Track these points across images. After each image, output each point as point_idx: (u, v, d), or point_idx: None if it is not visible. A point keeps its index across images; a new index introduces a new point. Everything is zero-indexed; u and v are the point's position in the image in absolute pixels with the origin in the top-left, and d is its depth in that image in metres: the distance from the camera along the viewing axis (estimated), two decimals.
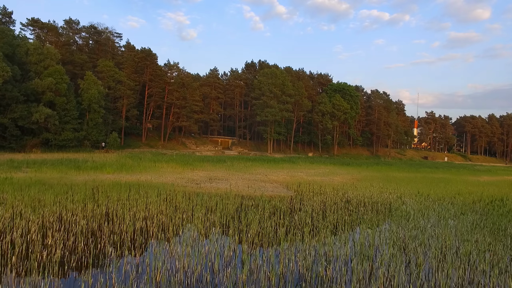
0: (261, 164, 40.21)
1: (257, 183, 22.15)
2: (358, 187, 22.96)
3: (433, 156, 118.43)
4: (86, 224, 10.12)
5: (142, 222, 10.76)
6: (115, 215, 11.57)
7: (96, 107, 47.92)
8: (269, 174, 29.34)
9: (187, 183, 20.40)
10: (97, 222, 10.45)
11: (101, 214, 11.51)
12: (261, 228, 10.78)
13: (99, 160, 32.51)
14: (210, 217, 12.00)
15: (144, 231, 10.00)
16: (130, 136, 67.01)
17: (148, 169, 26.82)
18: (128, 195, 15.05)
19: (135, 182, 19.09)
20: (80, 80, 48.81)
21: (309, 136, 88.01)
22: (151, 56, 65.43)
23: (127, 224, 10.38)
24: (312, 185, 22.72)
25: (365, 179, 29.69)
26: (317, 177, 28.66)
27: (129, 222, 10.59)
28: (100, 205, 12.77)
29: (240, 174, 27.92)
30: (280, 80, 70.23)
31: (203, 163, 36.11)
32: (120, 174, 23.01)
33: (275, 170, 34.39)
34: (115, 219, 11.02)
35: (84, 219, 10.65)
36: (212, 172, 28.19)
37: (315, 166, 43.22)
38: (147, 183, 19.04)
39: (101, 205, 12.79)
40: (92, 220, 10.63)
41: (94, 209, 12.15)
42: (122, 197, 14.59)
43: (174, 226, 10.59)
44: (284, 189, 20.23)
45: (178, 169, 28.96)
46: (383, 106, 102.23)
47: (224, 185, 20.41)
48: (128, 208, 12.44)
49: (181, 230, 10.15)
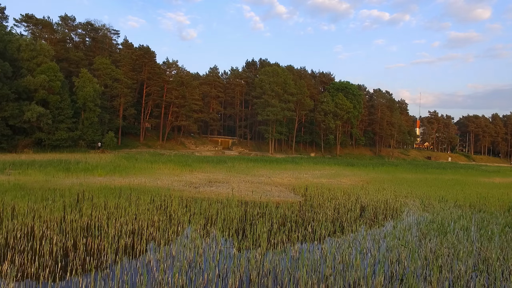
0: (263, 165, 38.48)
1: (260, 187, 20.40)
2: (369, 191, 21.22)
3: (436, 156, 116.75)
4: (59, 241, 8.37)
5: (128, 237, 9.01)
6: (98, 228, 9.82)
7: (91, 105, 46.13)
8: (272, 176, 27.61)
9: (184, 187, 18.65)
10: (73, 238, 8.70)
11: (81, 227, 9.75)
12: (271, 245, 9.04)
13: (93, 161, 30.76)
14: (210, 230, 10.26)
15: (129, 250, 8.25)
16: (127, 136, 65.26)
17: (143, 171, 25.07)
18: (117, 202, 13.29)
19: (127, 186, 17.34)
20: (75, 78, 47.02)
21: (311, 136, 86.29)
22: (149, 53, 63.66)
23: (110, 240, 8.63)
24: (321, 189, 20.98)
25: (374, 181, 27.95)
26: (323, 179, 26.92)
27: (112, 238, 8.85)
28: (83, 214, 11.04)
29: (242, 176, 26.18)
30: (282, 78, 68.46)
31: (202, 164, 34.37)
32: (112, 177, 21.26)
33: (278, 171, 32.65)
34: (96, 233, 9.26)
35: (59, 234, 8.90)
36: (212, 174, 26.45)
37: (319, 167, 41.48)
38: (140, 187, 17.29)
39: (84, 214, 11.05)
40: (68, 236, 8.87)
41: (75, 219, 10.41)
42: (109, 204, 12.84)
43: (167, 243, 8.84)
44: (291, 194, 18.47)
45: (176, 171, 27.20)
46: (386, 106, 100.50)
47: (225, 189, 18.66)
48: (115, 219, 10.69)
49: (175, 248, 8.40)
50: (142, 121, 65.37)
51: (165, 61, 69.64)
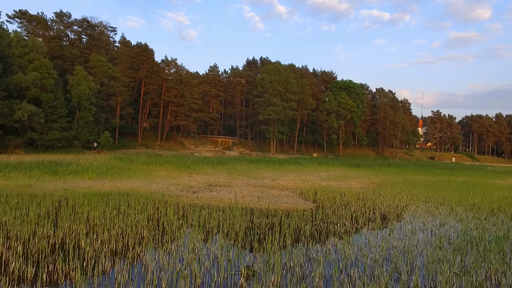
0: (266, 166, 36.69)
1: (266, 191, 18.62)
2: (383, 195, 19.45)
3: (440, 157, 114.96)
4: (17, 269, 6.57)
5: (107, 261, 7.21)
6: (74, 246, 8.02)
7: (86, 104, 44.29)
8: (277, 179, 25.82)
9: (182, 192, 16.86)
10: (36, 264, 6.90)
11: (52, 247, 7.95)
12: (287, 270, 7.25)
13: (85, 163, 28.97)
14: (210, 247, 8.47)
15: (106, 282, 6.44)
16: (125, 136, 63.45)
17: (138, 174, 23.27)
18: (103, 211, 11.50)
19: (118, 191, 15.55)
20: (69, 76, 45.17)
21: (313, 135, 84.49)
22: (147, 51, 61.86)
23: (84, 267, 6.84)
24: (331, 193, 19.20)
25: (384, 183, 26.17)
26: (331, 182, 25.13)
27: (88, 263, 7.06)
28: (59, 229, 9.25)
29: (244, 179, 24.40)
30: (283, 76, 66.61)
31: (202, 166, 32.59)
32: (103, 180, 19.47)
33: (282, 173, 30.86)
34: (70, 253, 7.47)
35: (21, 258, 7.11)
36: (212, 177, 24.66)
37: (324, 168, 39.72)
38: (133, 193, 15.50)
39: (60, 228, 9.26)
40: (31, 260, 7.08)
41: (47, 235, 8.62)
42: (93, 215, 11.04)
43: (156, 269, 7.04)
44: (300, 199, 16.68)
45: (174, 173, 25.42)
46: (389, 105, 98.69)
47: (227, 193, 16.87)
48: (96, 235, 8.90)
49: (165, 278, 6.60)
50: (140, 121, 63.56)
51: (164, 59, 67.86)
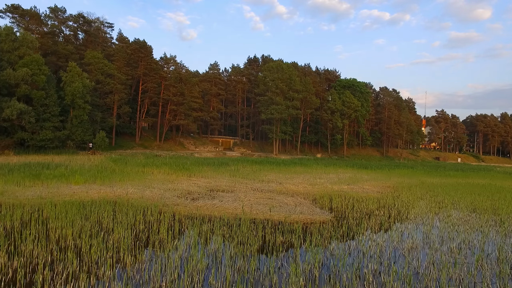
0: (270, 168, 34.52)
1: (274, 197, 16.44)
2: (405, 201, 17.30)
3: (445, 157, 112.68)
4: None
5: None
6: (25, 285, 5.87)
7: (80, 102, 42.07)
8: (284, 182, 23.66)
9: (179, 199, 14.69)
10: None
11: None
12: None
13: (76, 165, 26.80)
14: (214, 284, 6.32)
15: None
16: (122, 136, 61.26)
17: (132, 177, 21.08)
18: (81, 227, 9.32)
19: (104, 200, 13.37)
20: (62, 72, 42.96)
21: (316, 135, 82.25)
22: (145, 48, 59.66)
23: None
24: (347, 199, 17.05)
25: (400, 187, 24.00)
26: (344, 186, 22.95)
27: None
28: (18, 254, 7.09)
29: (249, 183, 22.23)
30: (286, 74, 64.37)
31: (202, 167, 30.42)
32: (91, 185, 17.30)
33: (288, 175, 28.69)
34: None
35: None
36: (213, 180, 22.49)
37: (331, 170, 37.52)
38: (122, 201, 13.32)
39: (20, 253, 7.11)
40: None
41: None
42: (67, 232, 8.87)
43: None
44: (316, 208, 14.47)
45: (171, 176, 23.23)
46: (393, 104, 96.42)
47: (231, 201, 14.67)
48: (62, 266, 6.73)
49: None
50: (138, 120, 61.36)
51: (163, 57, 65.67)
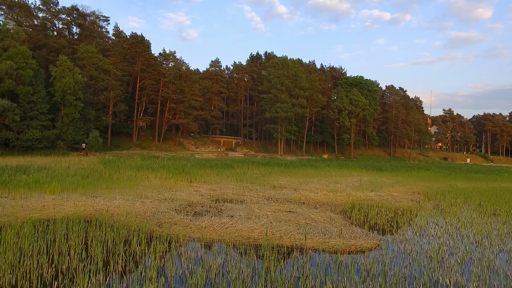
0: (279, 171, 31.17)
1: (295, 209, 13.11)
2: (453, 214, 14.04)
3: (453, 157, 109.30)
4: None
5: None
6: None
7: (71, 99, 38.75)
8: (299, 188, 20.36)
9: (178, 214, 11.38)
10: None
11: None
12: None
13: (60, 168, 23.49)
14: None
15: None
16: (119, 135, 57.95)
17: (122, 183, 17.74)
18: (27, 266, 6.04)
19: (79, 216, 10.04)
20: (51, 66, 39.64)
21: (322, 135, 78.90)
22: (143, 43, 56.36)
23: None
24: (384, 212, 13.75)
25: (431, 193, 20.70)
26: (368, 192, 19.62)
27: None
28: None
29: (260, 189, 18.93)
30: (292, 71, 60.99)
31: (204, 170, 27.11)
32: (70, 195, 14.00)
33: (301, 179, 25.38)
34: None
35: None
36: (218, 186, 19.19)
37: (345, 172, 34.18)
38: (101, 219, 9.99)
39: None
40: None
41: None
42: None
43: None
44: (353, 226, 11.08)
45: (169, 182, 19.91)
46: (400, 103, 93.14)
47: (243, 217, 11.31)
48: None
49: None
50: (136, 119, 58.03)
51: (162, 53, 62.39)
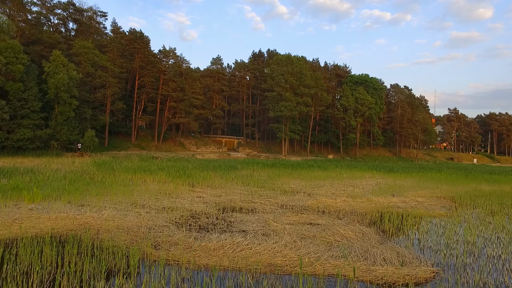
0: (287, 172, 29.02)
1: (317, 221, 10.94)
2: (499, 225, 11.89)
3: (459, 157, 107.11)
4: None
5: None
6: None
7: (66, 97, 36.65)
8: (313, 193, 18.22)
9: (178, 230, 9.21)
10: None
11: None
12: None
13: (49, 171, 21.37)
14: None
15: None
16: (117, 135, 55.86)
17: (115, 189, 15.60)
18: None
19: (58, 234, 7.87)
20: (44, 62, 37.54)
21: (326, 135, 76.77)
22: (142, 39, 54.26)
23: None
24: (418, 223, 11.65)
25: (458, 197, 18.51)
26: (390, 198, 17.45)
27: None
28: None
29: (270, 194, 16.80)
30: (297, 68, 58.89)
31: (207, 172, 24.99)
32: (52, 204, 11.87)
33: (312, 182, 23.23)
34: None
35: None
36: (223, 191, 17.06)
37: (357, 174, 31.98)
38: (82, 238, 7.88)
39: None
40: None
41: None
42: None
43: None
44: (390, 242, 9.00)
45: (169, 186, 17.78)
46: (406, 102, 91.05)
47: (259, 232, 9.10)
48: None
49: None
50: (134, 118, 55.96)
51: (161, 49, 60.33)
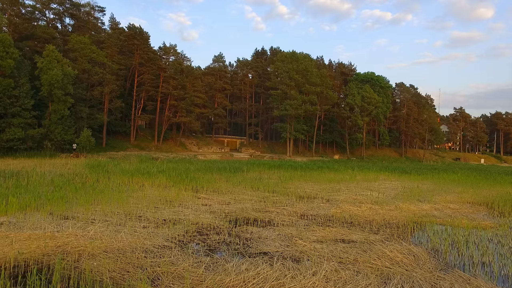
0: (298, 175, 26.82)
1: (348, 237, 8.71)
2: None
3: (465, 158, 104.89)
4: None
5: None
6: None
7: (60, 94, 34.53)
8: (331, 198, 16.03)
9: (182, 255, 6.90)
10: None
11: None
12: None
13: (36, 174, 19.24)
14: None
15: None
16: (115, 135, 53.76)
17: (107, 196, 13.40)
18: None
19: (19, 263, 5.73)
20: (37, 57, 35.43)
21: (332, 135, 74.63)
22: (141, 34, 52.16)
23: None
24: (477, 243, 9.49)
25: (492, 202, 16.38)
26: (421, 204, 15.28)
27: None
28: None
29: (286, 201, 14.61)
30: (302, 65, 56.77)
31: (211, 175, 22.85)
32: (31, 215, 9.72)
33: (327, 185, 21.04)
34: None
35: None
36: (232, 198, 14.89)
37: (371, 176, 29.73)
38: (56, 267, 5.76)
39: None
40: None
41: None
42: None
43: None
44: (455, 269, 6.83)
45: (170, 192, 15.60)
46: (412, 101, 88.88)
47: (286, 258, 6.76)
48: None
49: None
50: (133, 117, 53.86)
51: (162, 46, 58.25)
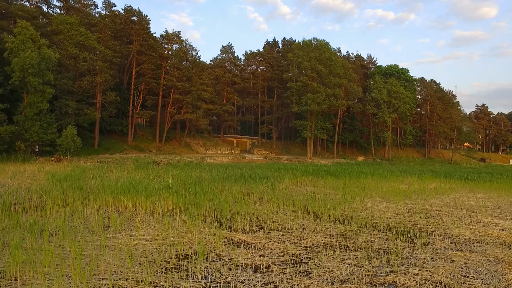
0: (340, 183, 19.66)
1: None
2: None
3: (490, 158, 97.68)
4: None
5: None
6: None
7: (36, 83, 27.66)
8: (452, 234, 9.06)
9: None
10: None
11: None
12: None
13: None
14: None
15: None
16: (110, 135, 46.90)
17: (52, 259, 6.38)
18: None
19: None
20: (6, 35, 28.56)
21: (352, 134, 67.62)
22: (140, 18, 45.28)
23: None
24: None
25: None
26: None
27: None
28: None
29: (395, 248, 7.61)
30: (326, 54, 49.80)
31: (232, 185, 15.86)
32: None
33: (405, 203, 13.89)
34: None
35: None
36: (290, 241, 7.74)
37: (433, 184, 22.62)
38: None
39: None
40: None
41: None
42: None
43: None
44: None
45: (181, 233, 8.48)
46: (436, 97, 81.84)
47: None
48: None
49: None
50: (131, 114, 47.00)
51: (164, 34, 51.36)
